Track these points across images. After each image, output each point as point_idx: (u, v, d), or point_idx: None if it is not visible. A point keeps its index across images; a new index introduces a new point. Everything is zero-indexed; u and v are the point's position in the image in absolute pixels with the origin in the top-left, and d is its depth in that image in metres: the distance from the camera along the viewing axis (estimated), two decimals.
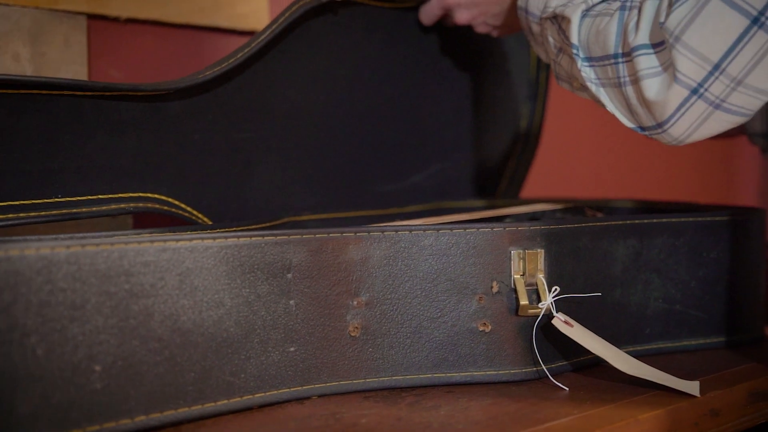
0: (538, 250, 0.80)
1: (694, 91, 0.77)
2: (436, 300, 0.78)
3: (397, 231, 0.77)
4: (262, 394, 0.72)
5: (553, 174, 1.66)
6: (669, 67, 0.77)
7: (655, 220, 0.89)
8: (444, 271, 0.78)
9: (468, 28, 1.09)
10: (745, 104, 0.77)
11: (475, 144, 1.26)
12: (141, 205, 0.92)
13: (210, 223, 0.97)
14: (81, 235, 0.74)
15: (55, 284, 0.60)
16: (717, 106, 0.77)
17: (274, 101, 1.00)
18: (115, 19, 1.05)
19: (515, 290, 0.79)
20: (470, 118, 1.24)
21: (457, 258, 0.78)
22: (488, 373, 0.79)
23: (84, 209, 0.88)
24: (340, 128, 1.09)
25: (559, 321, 0.79)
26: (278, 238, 0.73)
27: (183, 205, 0.96)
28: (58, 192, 0.85)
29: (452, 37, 1.17)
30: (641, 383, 0.78)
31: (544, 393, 0.76)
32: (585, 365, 0.85)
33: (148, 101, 0.89)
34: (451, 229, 0.78)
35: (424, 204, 1.22)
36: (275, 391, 0.73)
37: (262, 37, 0.94)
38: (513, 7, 0.99)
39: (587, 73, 0.85)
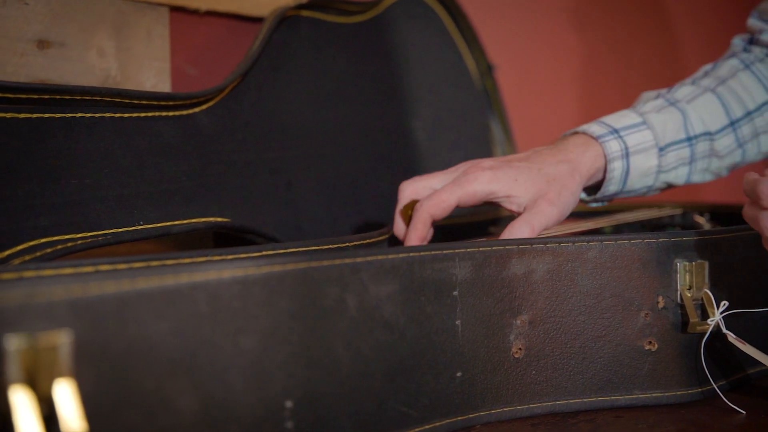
0: (704, 262, 0.74)
1: None
2: (600, 317, 0.72)
3: (560, 243, 0.71)
4: (433, 425, 0.65)
5: None
6: None
7: None
8: (608, 286, 0.72)
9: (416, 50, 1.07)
10: None
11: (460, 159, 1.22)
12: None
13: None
14: (272, 247, 0.67)
15: (249, 311, 0.53)
16: None
17: (286, 120, 0.97)
18: (195, 11, 0.97)
19: (682, 305, 0.73)
20: (450, 133, 1.21)
21: (621, 271, 0.72)
22: (654, 395, 0.74)
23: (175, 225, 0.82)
24: (352, 146, 1.05)
25: (733, 338, 0.73)
26: (445, 252, 0.66)
27: (251, 233, 0.89)
28: (139, 219, 0.80)
29: (406, 51, 1.14)
30: None
31: (721, 417, 0.71)
32: (737, 384, 0.79)
33: (183, 121, 0.85)
34: (615, 241, 0.72)
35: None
36: (445, 421, 0.66)
37: (254, 49, 0.92)
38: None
39: None
